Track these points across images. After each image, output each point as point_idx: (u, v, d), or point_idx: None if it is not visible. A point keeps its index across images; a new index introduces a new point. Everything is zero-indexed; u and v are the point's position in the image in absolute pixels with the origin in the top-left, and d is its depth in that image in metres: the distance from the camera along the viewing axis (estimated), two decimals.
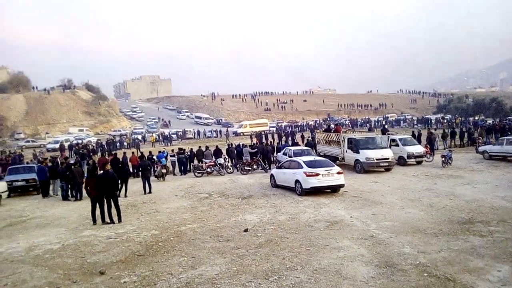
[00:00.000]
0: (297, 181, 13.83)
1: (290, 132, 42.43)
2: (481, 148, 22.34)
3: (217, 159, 21.78)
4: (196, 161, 22.78)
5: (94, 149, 34.43)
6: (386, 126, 40.22)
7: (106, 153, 26.73)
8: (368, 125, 52.85)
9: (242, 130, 54.88)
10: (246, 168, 20.90)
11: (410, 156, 20.25)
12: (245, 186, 16.40)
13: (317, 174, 13.35)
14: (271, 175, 16.22)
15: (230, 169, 21.73)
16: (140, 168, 17.92)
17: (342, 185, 13.78)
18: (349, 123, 58.48)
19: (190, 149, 24.79)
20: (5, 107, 60.32)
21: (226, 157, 23.29)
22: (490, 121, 43.50)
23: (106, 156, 23.12)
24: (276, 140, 35.89)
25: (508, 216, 9.77)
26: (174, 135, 49.55)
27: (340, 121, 60.18)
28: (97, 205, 10.99)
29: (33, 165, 20.74)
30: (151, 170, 18.80)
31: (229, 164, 22.27)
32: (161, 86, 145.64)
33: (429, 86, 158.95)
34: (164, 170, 20.36)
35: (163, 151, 24.00)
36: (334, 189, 13.88)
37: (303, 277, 6.49)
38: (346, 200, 12.58)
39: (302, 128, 53.79)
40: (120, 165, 17.49)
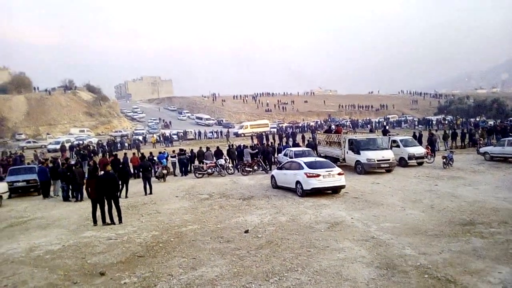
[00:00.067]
0: (298, 182, 13.82)
1: (291, 133, 42.42)
2: (482, 149, 22.33)
3: (218, 160, 21.79)
4: (197, 162, 22.81)
5: (95, 150, 34.42)
6: (387, 127, 40.22)
7: (107, 154, 26.77)
8: (369, 126, 52.86)
9: (243, 131, 54.90)
10: (247, 169, 20.92)
11: (411, 157, 20.24)
12: (246, 187, 16.40)
13: (318, 175, 13.34)
14: (272, 176, 16.22)
15: (231, 170, 21.73)
16: (141, 169, 17.91)
17: (343, 186, 13.78)
18: (350, 124, 58.50)
19: (191, 150, 24.81)
20: (7, 108, 60.40)
21: (227, 158, 23.29)
22: (491, 122, 43.43)
23: (107, 157, 23.16)
24: (277, 141, 35.90)
25: (510, 218, 9.75)
26: (175, 136, 49.59)
27: (341, 122, 60.21)
28: (98, 206, 10.99)
29: (34, 166, 20.75)
30: (152, 171, 18.81)
31: (230, 165, 22.28)
32: (162, 87, 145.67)
33: (430, 87, 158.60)
34: (165, 171, 20.38)
35: (164, 152, 24.02)
36: (335, 190, 13.87)
37: (304, 279, 6.48)
38: (347, 201, 12.56)
39: (303, 129, 53.77)
40: (121, 166, 17.51)
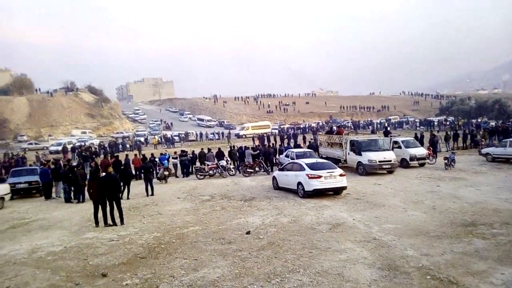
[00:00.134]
0: (299, 183, 13.81)
1: (293, 134, 42.42)
2: (484, 150, 22.29)
3: (219, 161, 21.79)
4: (198, 163, 22.82)
5: (97, 151, 34.46)
6: (389, 128, 40.17)
7: (109, 155, 26.79)
8: (371, 127, 52.82)
9: (245, 132, 54.87)
10: (248, 170, 20.92)
11: (413, 158, 20.23)
12: (247, 188, 16.40)
13: (320, 176, 13.33)
14: (273, 177, 16.22)
15: (232, 171, 21.72)
16: (143, 170, 17.95)
17: (345, 187, 13.76)
18: (352, 125, 58.46)
19: (192, 151, 24.83)
20: (8, 110, 60.53)
21: (228, 159, 23.31)
22: (493, 123, 43.33)
23: (109, 158, 23.19)
24: (278, 142, 35.92)
25: None
26: (177, 137, 49.61)
27: (343, 123, 60.18)
28: (100, 207, 11.00)
29: (36, 168, 20.78)
30: (153, 172, 18.83)
31: (231, 166, 22.29)
32: (164, 89, 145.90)
33: (432, 88, 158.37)
34: (166, 172, 20.37)
35: (165, 153, 24.05)
36: (337, 192, 13.85)
37: (305, 280, 6.47)
38: (349, 203, 12.55)
39: (304, 130, 53.77)
40: (123, 167, 17.53)
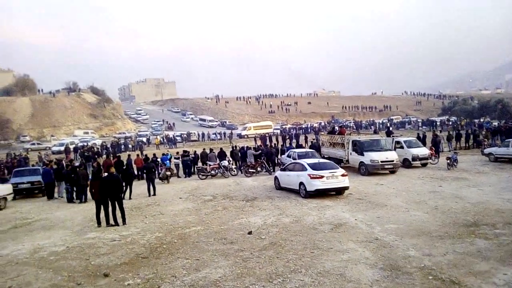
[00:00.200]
0: (301, 183, 13.80)
1: (295, 134, 42.41)
2: (487, 150, 22.23)
3: (221, 162, 21.80)
4: (200, 164, 22.83)
5: (99, 152, 34.53)
6: (391, 128, 40.13)
7: (111, 156, 26.83)
8: (373, 127, 52.74)
9: (247, 133, 54.88)
10: (250, 171, 20.91)
11: (415, 158, 20.17)
12: (249, 188, 16.39)
13: (322, 177, 13.31)
14: (275, 177, 16.21)
15: (234, 171, 21.72)
16: (145, 170, 17.97)
17: (347, 188, 13.74)
18: (354, 125, 58.39)
19: (194, 152, 24.85)
20: (11, 110, 60.74)
21: (230, 159, 23.30)
22: (496, 123, 43.24)
23: (111, 159, 23.22)
24: (280, 142, 35.93)
25: None
26: (179, 138, 49.62)
27: (345, 123, 60.10)
28: (102, 208, 11.03)
29: (39, 168, 20.84)
30: (156, 172, 18.85)
31: (233, 167, 22.27)
32: (166, 89, 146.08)
33: (434, 88, 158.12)
34: (169, 173, 20.39)
35: (167, 154, 24.08)
36: (339, 192, 13.84)
37: (307, 280, 6.47)
38: (351, 203, 12.53)
39: (306, 130, 53.73)
40: (125, 168, 17.56)
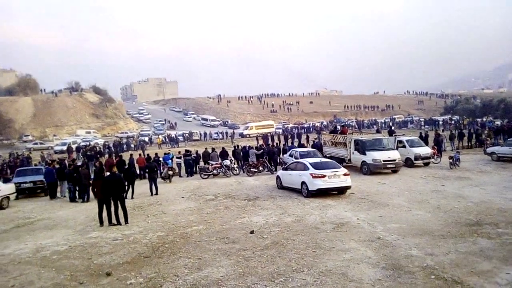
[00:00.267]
0: (303, 183, 13.79)
1: (297, 134, 42.38)
2: (489, 150, 22.14)
3: (223, 161, 21.82)
4: (202, 163, 22.85)
5: (101, 151, 34.61)
6: (393, 128, 40.04)
7: (113, 155, 26.89)
8: (376, 127, 52.64)
9: (248, 132, 54.89)
10: (252, 170, 20.92)
11: (417, 158, 20.12)
12: (251, 188, 16.39)
13: (323, 176, 13.30)
14: (277, 177, 16.21)
15: (236, 171, 21.74)
16: (147, 170, 17.99)
17: (349, 187, 13.72)
18: (356, 125, 58.31)
19: (196, 151, 24.86)
20: (13, 110, 60.93)
21: (232, 159, 23.31)
22: (498, 122, 43.10)
23: (113, 158, 23.28)
24: (282, 142, 35.92)
25: None
26: (181, 137, 49.67)
27: (347, 123, 60.01)
28: (104, 207, 11.04)
29: (41, 167, 20.92)
30: (158, 172, 18.88)
31: (235, 166, 22.29)
32: (168, 88, 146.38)
33: (436, 87, 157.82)
34: (171, 172, 20.43)
35: (169, 153, 24.11)
36: (341, 191, 13.82)
37: (309, 279, 6.46)
38: (353, 202, 12.52)
39: (308, 130, 53.69)
40: (127, 167, 17.58)
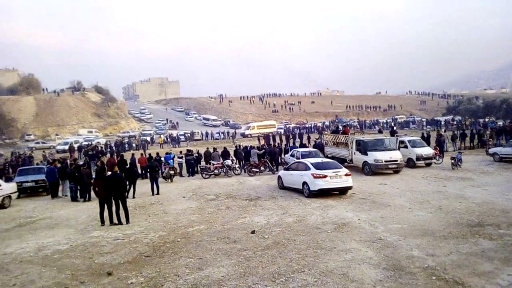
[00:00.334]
0: (305, 183, 13.78)
1: (298, 134, 42.35)
2: (491, 150, 22.09)
3: (225, 161, 21.82)
4: (204, 163, 22.86)
5: (103, 151, 34.66)
6: (395, 128, 39.97)
7: (115, 155, 26.93)
8: (377, 127, 52.58)
9: (250, 132, 54.88)
10: (254, 170, 20.92)
11: (419, 158, 20.09)
12: (253, 188, 16.39)
13: (325, 176, 13.29)
14: (279, 177, 16.20)
15: (238, 171, 21.74)
16: (148, 169, 18.01)
17: (350, 187, 13.71)
18: (358, 125, 58.23)
19: (197, 151, 24.87)
20: (16, 109, 61.03)
21: (234, 159, 23.31)
22: (501, 123, 42.99)
23: (115, 158, 23.32)
24: (284, 142, 35.90)
25: None
26: (182, 137, 49.74)
27: (349, 123, 59.96)
28: (105, 206, 11.06)
29: (43, 167, 20.93)
30: (159, 172, 18.89)
31: (237, 166, 22.28)
32: (170, 88, 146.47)
33: (439, 88, 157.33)
34: (172, 172, 20.44)
35: (170, 153, 24.13)
36: (342, 191, 13.80)
37: (310, 280, 6.45)
38: (354, 202, 12.50)
39: (310, 130, 53.66)
40: (129, 167, 17.60)
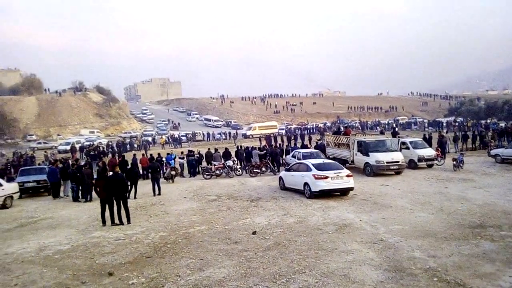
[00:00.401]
0: (306, 184, 13.77)
1: (300, 135, 42.34)
2: (493, 152, 22.03)
3: (226, 161, 21.81)
4: (205, 163, 22.86)
5: (105, 151, 34.71)
6: (397, 129, 39.94)
7: (116, 155, 26.97)
8: (379, 128, 52.53)
9: (252, 133, 54.90)
10: (255, 171, 20.91)
11: (421, 159, 20.05)
12: (254, 189, 16.38)
13: (326, 177, 13.27)
14: (280, 178, 16.19)
15: (239, 171, 21.73)
16: (150, 170, 18.02)
17: (352, 188, 13.68)
18: (359, 126, 58.19)
19: (199, 151, 24.89)
20: (18, 109, 61.20)
21: (235, 159, 23.31)
22: (503, 124, 42.89)
23: (116, 158, 23.34)
24: (285, 143, 35.90)
25: None
26: (184, 137, 49.81)
27: (350, 124, 59.92)
28: (107, 207, 11.07)
29: (44, 167, 20.96)
30: (161, 172, 18.90)
31: (238, 166, 22.29)
32: (171, 89, 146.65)
33: (440, 88, 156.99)
34: (173, 172, 20.45)
35: (171, 153, 24.16)
36: (343, 192, 13.79)
37: (311, 281, 6.44)
38: (356, 203, 12.48)
39: (311, 131, 53.65)
40: (130, 167, 17.63)
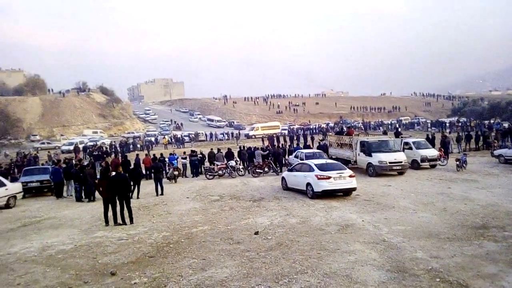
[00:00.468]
0: (309, 184, 13.75)
1: (302, 135, 42.32)
2: (497, 152, 21.95)
3: (229, 162, 21.83)
4: (208, 164, 22.89)
5: (108, 151, 34.80)
6: (400, 129, 39.85)
7: (119, 155, 27.04)
8: (382, 128, 52.43)
9: (254, 133, 54.91)
10: (258, 171, 20.91)
11: (424, 160, 19.99)
12: (256, 189, 16.38)
13: (329, 177, 13.25)
14: (283, 178, 16.19)
15: (242, 172, 21.74)
16: (153, 170, 18.06)
17: (354, 189, 13.67)
18: (362, 126, 58.09)
19: (201, 152, 24.91)
20: (21, 110, 61.42)
21: (238, 160, 23.32)
22: (506, 125, 42.69)
23: (119, 158, 23.41)
24: (288, 143, 35.88)
25: None
26: (187, 138, 49.89)
27: (353, 124, 59.83)
28: (110, 207, 11.10)
29: (48, 167, 21.06)
30: (163, 172, 18.93)
31: (241, 167, 22.28)
32: (174, 89, 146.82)
33: (442, 88, 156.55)
34: (176, 172, 20.48)
35: (174, 154, 24.19)
36: (346, 193, 13.77)
37: (313, 281, 6.44)
38: (358, 204, 12.46)
39: (314, 131, 53.61)
40: (133, 167, 17.66)
